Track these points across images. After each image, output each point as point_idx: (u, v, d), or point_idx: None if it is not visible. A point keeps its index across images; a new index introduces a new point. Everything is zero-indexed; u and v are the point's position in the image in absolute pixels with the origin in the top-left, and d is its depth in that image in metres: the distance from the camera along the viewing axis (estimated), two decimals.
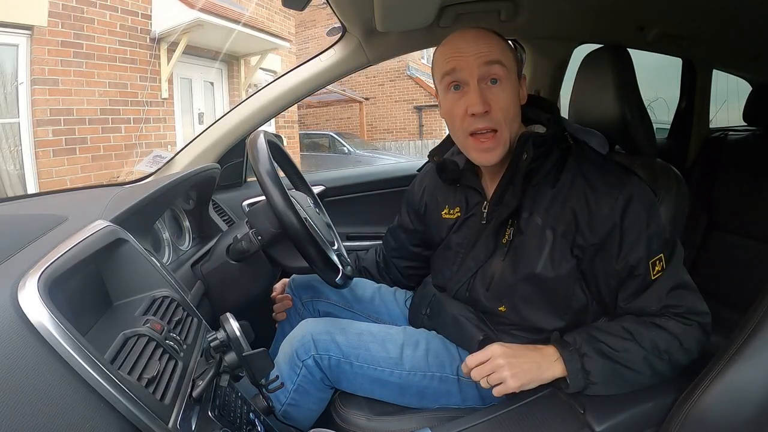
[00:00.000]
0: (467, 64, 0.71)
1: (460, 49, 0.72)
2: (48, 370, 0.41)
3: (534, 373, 0.68)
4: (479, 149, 0.73)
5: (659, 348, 0.67)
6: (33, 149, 3.76)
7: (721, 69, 1.71)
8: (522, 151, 0.73)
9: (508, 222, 0.76)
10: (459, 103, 0.73)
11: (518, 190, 0.73)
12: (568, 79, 1.51)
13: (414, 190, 0.98)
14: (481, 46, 0.71)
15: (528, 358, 0.69)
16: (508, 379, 0.67)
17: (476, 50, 0.71)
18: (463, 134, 0.74)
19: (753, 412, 0.61)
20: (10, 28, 3.62)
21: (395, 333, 0.86)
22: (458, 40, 0.73)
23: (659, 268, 0.69)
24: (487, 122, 0.71)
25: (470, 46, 0.71)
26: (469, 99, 0.71)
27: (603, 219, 0.69)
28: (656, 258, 0.68)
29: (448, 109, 0.75)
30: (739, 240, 1.44)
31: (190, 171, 0.95)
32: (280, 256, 0.87)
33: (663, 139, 1.79)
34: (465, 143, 0.75)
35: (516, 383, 0.67)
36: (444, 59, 0.74)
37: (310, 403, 0.83)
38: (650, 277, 0.68)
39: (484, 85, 0.71)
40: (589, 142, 0.76)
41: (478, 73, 0.70)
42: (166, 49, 4.80)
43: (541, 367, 0.68)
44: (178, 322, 0.61)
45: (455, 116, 0.74)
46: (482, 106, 0.70)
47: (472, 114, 0.71)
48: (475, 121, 0.71)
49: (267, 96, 1.24)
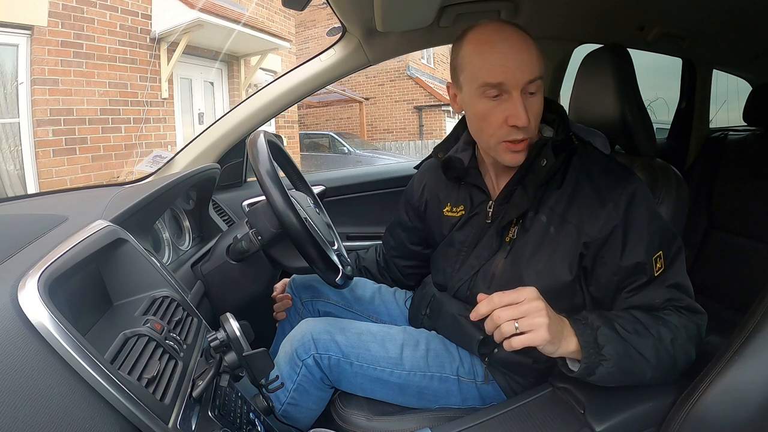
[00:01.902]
0: (514, 78, 0.68)
1: (507, 59, 0.68)
2: (48, 370, 0.41)
3: (558, 336, 0.61)
4: (512, 151, 0.72)
5: (663, 338, 0.66)
6: (33, 149, 3.76)
7: (721, 69, 1.71)
8: (538, 155, 0.73)
9: (513, 221, 0.76)
10: (497, 111, 0.70)
11: (531, 192, 0.73)
12: (568, 79, 1.51)
13: (413, 187, 0.98)
14: (527, 59, 0.69)
15: (558, 320, 0.62)
16: (543, 326, 0.59)
17: (524, 65, 0.68)
18: (497, 140, 0.73)
19: (753, 412, 0.61)
20: (10, 28, 3.62)
21: (395, 333, 0.86)
22: (504, 45, 0.69)
23: (660, 265, 0.69)
24: (524, 133, 0.70)
25: (517, 57, 0.69)
26: (512, 109, 0.69)
27: (607, 216, 0.69)
28: (657, 254, 0.69)
29: (483, 114, 0.72)
30: (739, 240, 1.45)
31: (190, 171, 0.95)
32: (280, 256, 0.87)
33: (663, 139, 1.79)
34: (497, 147, 0.74)
35: (548, 337, 0.59)
36: (487, 68, 0.69)
37: (310, 403, 0.83)
38: (653, 272, 0.69)
39: (524, 96, 0.70)
40: (593, 143, 0.77)
41: (522, 86, 0.69)
42: (167, 49, 4.80)
43: (563, 334, 0.62)
44: (178, 322, 0.61)
45: (491, 122, 0.72)
46: (526, 120, 0.68)
47: (513, 125, 0.70)
48: (514, 132, 0.70)
49: (267, 96, 1.24)
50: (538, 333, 0.59)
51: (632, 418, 0.67)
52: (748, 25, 1.21)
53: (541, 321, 0.59)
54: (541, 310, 0.60)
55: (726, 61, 1.64)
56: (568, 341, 0.63)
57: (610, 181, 0.71)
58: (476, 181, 0.83)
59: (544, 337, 0.59)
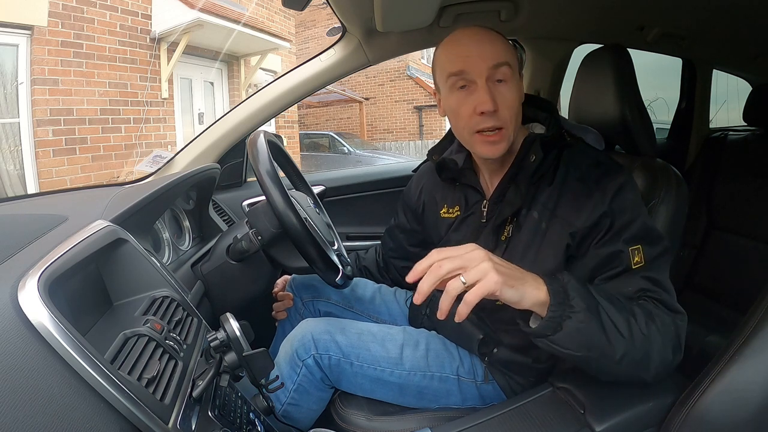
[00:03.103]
0: (476, 66, 0.70)
1: (467, 49, 0.71)
2: (48, 370, 0.41)
3: (518, 280, 0.58)
4: (485, 143, 0.73)
5: (638, 318, 0.62)
6: (33, 149, 3.76)
7: (721, 69, 1.71)
8: (528, 151, 0.73)
9: (507, 219, 0.77)
10: (466, 102, 0.72)
11: (523, 189, 0.74)
12: (568, 79, 1.51)
13: (411, 190, 0.98)
14: (489, 48, 0.71)
15: (514, 268, 0.60)
16: (490, 270, 0.55)
17: (485, 52, 0.70)
18: (469, 132, 0.74)
19: (753, 412, 0.61)
20: (10, 28, 3.62)
21: (395, 333, 0.86)
22: (465, 39, 0.72)
23: (639, 259, 0.67)
24: (494, 121, 0.71)
25: (478, 47, 0.71)
26: (478, 98, 0.70)
27: (594, 205, 0.69)
28: (636, 247, 0.67)
29: (454, 107, 0.74)
30: (739, 240, 1.45)
31: (190, 171, 0.95)
32: (280, 256, 0.87)
33: (663, 139, 1.79)
34: (470, 139, 0.75)
35: (500, 278, 0.55)
36: (450, 59, 0.73)
37: (310, 403, 0.83)
38: (630, 263, 0.67)
39: (491, 84, 0.71)
40: (585, 139, 0.77)
41: (487, 74, 0.70)
42: (166, 49, 4.80)
43: (525, 280, 0.59)
44: (178, 322, 0.61)
45: (462, 114, 0.73)
46: (492, 105, 0.69)
47: (481, 112, 0.71)
48: (483, 120, 0.71)
49: (267, 96, 1.24)
50: (488, 278, 0.55)
51: (632, 418, 0.67)
52: (748, 25, 1.21)
53: (486, 265, 0.55)
54: (483, 258, 0.56)
55: (726, 61, 1.64)
56: (534, 288, 0.58)
57: (599, 173, 0.71)
58: (471, 182, 0.83)
59: (496, 280, 0.54)
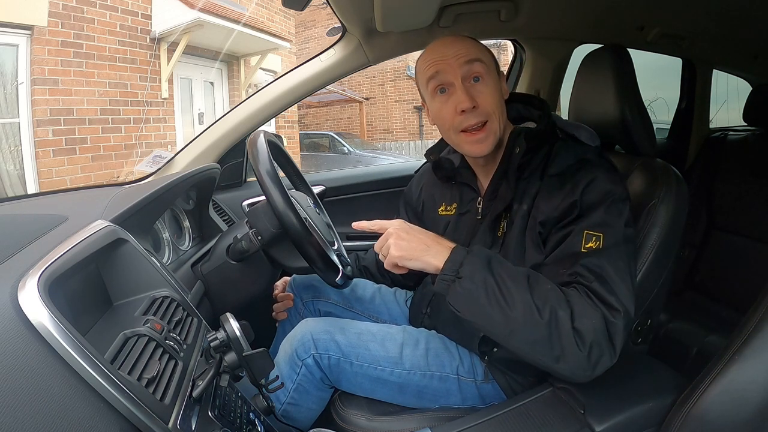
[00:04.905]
0: (449, 65, 0.74)
1: (440, 53, 0.76)
2: (48, 370, 0.41)
3: (417, 252, 0.66)
4: (471, 141, 0.76)
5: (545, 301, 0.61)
6: (33, 149, 3.75)
7: (721, 69, 1.71)
8: (514, 145, 0.76)
9: (502, 215, 0.78)
10: (447, 104, 0.76)
11: (512, 182, 0.76)
12: (568, 79, 1.51)
13: (412, 189, 1.01)
14: (459, 47, 0.75)
15: (418, 240, 0.68)
16: (391, 248, 0.67)
17: (455, 52, 0.75)
18: (455, 132, 0.77)
19: (753, 412, 0.61)
20: (10, 28, 3.61)
21: (395, 332, 0.86)
22: (437, 45, 0.77)
23: (592, 245, 0.65)
24: (476, 117, 0.74)
25: (449, 49, 0.75)
26: (456, 98, 0.74)
27: (564, 195, 0.69)
28: (595, 234, 0.66)
29: (437, 111, 0.78)
30: (739, 240, 1.45)
31: (190, 171, 0.95)
32: (280, 256, 0.87)
33: (663, 139, 1.79)
34: (457, 140, 0.78)
35: (396, 252, 0.66)
36: (426, 66, 0.78)
37: (310, 403, 0.83)
38: (580, 248, 0.66)
39: (468, 84, 0.75)
40: (578, 136, 0.77)
41: (461, 73, 0.74)
42: (166, 49, 4.80)
43: (428, 250, 0.67)
44: (178, 322, 0.61)
45: (445, 117, 0.77)
46: (470, 102, 0.73)
47: (461, 111, 0.74)
48: (466, 118, 0.74)
49: (267, 96, 1.24)
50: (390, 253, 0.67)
51: (632, 418, 0.67)
52: (748, 25, 1.21)
53: (390, 242, 0.68)
54: (390, 234, 0.68)
55: (726, 61, 1.64)
56: (433, 258, 0.66)
57: (578, 168, 0.71)
58: (466, 180, 0.86)
59: (394, 254, 0.67)
